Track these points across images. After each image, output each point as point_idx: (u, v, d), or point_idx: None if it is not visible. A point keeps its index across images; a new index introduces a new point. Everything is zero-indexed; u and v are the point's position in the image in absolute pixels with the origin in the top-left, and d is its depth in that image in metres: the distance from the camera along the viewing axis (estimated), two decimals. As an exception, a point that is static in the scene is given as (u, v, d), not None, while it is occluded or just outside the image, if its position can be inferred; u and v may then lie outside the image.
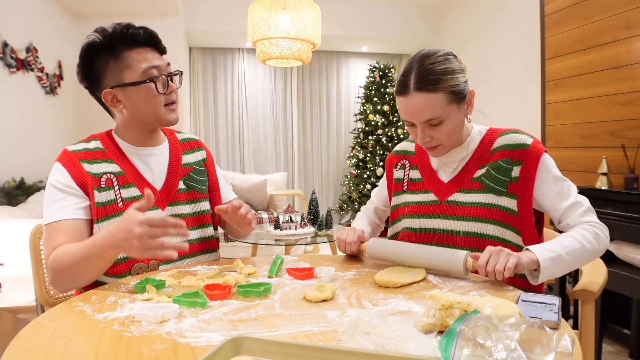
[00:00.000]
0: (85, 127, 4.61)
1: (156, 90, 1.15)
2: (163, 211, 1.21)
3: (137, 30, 1.15)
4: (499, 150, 1.17)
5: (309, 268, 1.09)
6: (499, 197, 1.14)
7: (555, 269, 0.99)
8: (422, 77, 1.09)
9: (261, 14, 3.11)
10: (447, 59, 1.12)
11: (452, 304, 0.73)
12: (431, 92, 1.08)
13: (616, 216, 2.18)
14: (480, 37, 4.65)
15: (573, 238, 1.05)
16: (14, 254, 2.01)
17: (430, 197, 1.24)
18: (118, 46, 1.14)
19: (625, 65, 2.71)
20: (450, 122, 1.13)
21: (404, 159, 1.35)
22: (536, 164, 1.13)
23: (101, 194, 1.13)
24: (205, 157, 1.38)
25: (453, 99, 1.11)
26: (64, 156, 1.15)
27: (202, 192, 1.31)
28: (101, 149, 1.19)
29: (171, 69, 1.21)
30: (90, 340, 0.71)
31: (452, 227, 1.18)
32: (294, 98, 6.23)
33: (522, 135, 1.17)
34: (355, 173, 5.59)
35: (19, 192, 2.96)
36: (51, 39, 3.99)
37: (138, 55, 1.14)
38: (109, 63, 1.15)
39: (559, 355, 0.55)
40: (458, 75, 1.12)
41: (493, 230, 1.13)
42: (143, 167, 1.22)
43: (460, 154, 1.22)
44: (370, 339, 0.67)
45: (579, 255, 1.03)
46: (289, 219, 3.07)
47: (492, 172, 1.16)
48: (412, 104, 1.11)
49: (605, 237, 1.09)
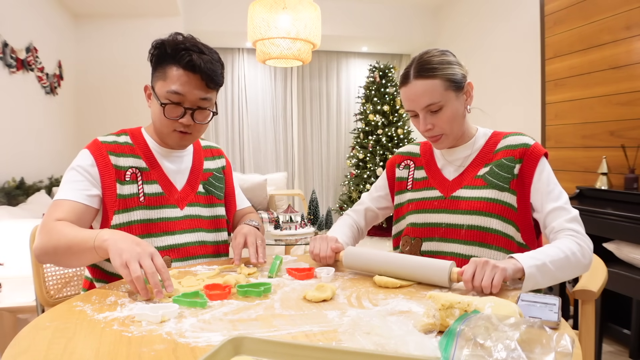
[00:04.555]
0: (85, 127, 4.61)
1: (164, 114, 1.16)
2: (182, 210, 1.25)
3: (187, 54, 1.13)
4: (503, 150, 1.21)
5: (309, 268, 1.09)
6: (501, 193, 1.17)
7: (540, 277, 0.97)
8: (420, 66, 1.18)
9: (261, 14, 3.11)
10: (444, 53, 1.21)
11: (452, 304, 0.73)
12: (429, 78, 1.16)
13: (616, 216, 2.18)
14: (480, 37, 4.65)
15: (557, 248, 1.03)
16: (14, 254, 2.01)
17: (435, 194, 1.26)
18: (167, 56, 1.15)
19: (625, 65, 2.71)
20: (449, 109, 1.17)
21: (409, 159, 1.37)
22: (536, 163, 1.16)
23: (124, 186, 1.17)
24: (225, 165, 1.42)
25: (450, 86, 1.17)
26: (93, 145, 1.19)
27: (219, 197, 1.35)
28: (130, 144, 1.23)
29: (206, 104, 1.18)
30: (90, 340, 0.71)
31: (455, 220, 1.20)
32: (294, 98, 6.23)
33: (525, 137, 1.21)
34: (355, 173, 5.59)
35: (19, 192, 2.96)
36: (51, 39, 3.99)
37: (176, 75, 1.14)
38: (158, 66, 1.18)
39: (559, 355, 0.55)
40: (454, 66, 1.19)
41: (495, 224, 1.15)
42: (167, 166, 1.26)
43: (465, 152, 1.25)
44: (370, 339, 0.67)
45: (563, 266, 1.01)
46: (289, 219, 3.07)
47: (495, 170, 1.19)
48: (412, 91, 1.19)
49: (589, 250, 1.08)
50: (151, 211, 1.20)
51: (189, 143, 1.25)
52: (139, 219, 1.18)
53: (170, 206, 1.23)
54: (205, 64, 1.14)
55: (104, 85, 4.66)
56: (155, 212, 1.20)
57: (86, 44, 4.65)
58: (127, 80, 4.60)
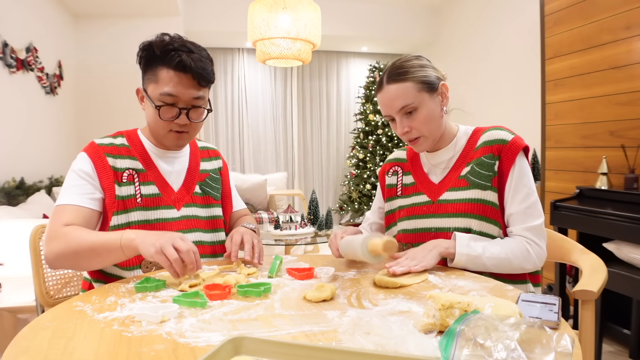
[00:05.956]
0: (85, 127, 4.61)
1: (159, 116, 1.17)
2: (179, 211, 1.25)
3: (177, 54, 1.13)
4: (482, 147, 1.21)
5: (309, 268, 1.09)
6: (483, 192, 1.17)
7: (471, 266, 1.10)
8: (392, 72, 1.21)
9: (261, 14, 3.11)
10: (417, 58, 1.23)
11: (452, 304, 0.73)
12: (401, 82, 1.18)
13: (616, 216, 2.18)
14: (480, 37, 4.65)
15: (503, 247, 1.12)
16: (14, 254, 2.01)
17: (423, 199, 1.27)
18: (157, 59, 1.15)
19: (625, 65, 2.71)
20: (424, 110, 1.19)
21: (396, 166, 1.39)
22: (512, 160, 1.16)
23: (121, 188, 1.18)
24: (221, 166, 1.43)
25: (423, 88, 1.18)
26: (90, 147, 1.20)
27: (215, 198, 1.35)
28: (126, 145, 1.24)
29: (199, 102, 1.19)
30: (90, 340, 0.71)
31: (443, 224, 1.21)
32: (294, 98, 6.23)
33: (503, 131, 1.20)
34: (355, 173, 5.59)
35: (19, 192, 2.96)
36: (51, 39, 3.99)
37: (167, 76, 1.14)
38: (148, 68, 1.18)
39: (559, 355, 0.55)
40: (427, 69, 1.21)
41: (477, 225, 1.16)
42: (164, 167, 1.26)
43: (448, 154, 1.26)
44: (370, 339, 0.67)
45: (500, 265, 1.11)
46: (289, 219, 3.08)
47: (476, 169, 1.20)
48: (386, 95, 1.21)
49: (536, 258, 1.14)
50: (148, 212, 1.20)
51: (186, 142, 1.25)
52: (137, 220, 1.18)
53: (167, 207, 1.23)
54: (196, 63, 1.14)
55: (104, 85, 4.66)
56: (153, 213, 1.21)
57: (86, 44, 4.65)
58: (127, 80, 4.60)
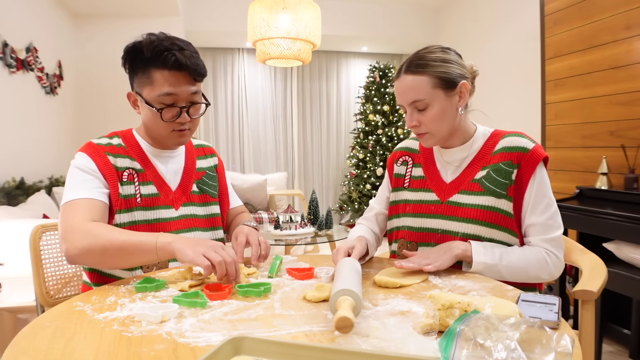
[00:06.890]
0: (85, 127, 4.61)
1: (161, 118, 1.16)
2: (177, 210, 1.25)
3: (170, 54, 1.12)
4: (500, 153, 1.17)
5: (309, 268, 1.09)
6: (498, 200, 1.14)
7: (487, 273, 1.07)
8: (412, 62, 1.16)
9: (261, 14, 3.11)
10: (444, 51, 1.17)
11: (452, 304, 0.73)
12: (417, 74, 1.14)
13: (616, 216, 2.18)
14: (480, 37, 4.65)
15: (520, 256, 1.10)
16: (14, 254, 2.01)
17: (432, 197, 1.23)
18: (149, 61, 1.14)
19: (625, 65, 2.71)
20: (436, 108, 1.14)
21: (407, 155, 1.34)
22: (532, 170, 1.12)
23: (123, 187, 1.18)
24: (217, 163, 1.43)
25: (439, 84, 1.13)
26: (88, 147, 1.18)
27: (213, 196, 1.36)
28: (123, 146, 1.23)
29: (197, 98, 1.19)
30: (90, 340, 0.71)
31: (451, 227, 1.17)
32: (294, 98, 6.23)
33: (524, 139, 1.16)
34: (355, 173, 5.59)
35: (19, 192, 2.96)
36: (51, 39, 3.99)
37: (162, 77, 1.13)
38: (139, 72, 1.17)
39: (559, 355, 0.55)
40: (450, 65, 1.15)
41: (489, 233, 1.13)
42: (161, 167, 1.27)
43: (462, 154, 1.22)
44: (369, 339, 0.67)
45: (517, 275, 1.09)
46: (289, 219, 3.08)
47: (492, 175, 1.15)
48: (400, 85, 1.17)
49: (553, 268, 1.12)
50: (148, 212, 1.20)
51: (188, 139, 1.25)
52: (139, 220, 1.18)
53: (165, 207, 1.23)
54: (189, 60, 1.14)
55: (104, 85, 4.66)
56: (152, 212, 1.21)
57: (86, 44, 4.65)
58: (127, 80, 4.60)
